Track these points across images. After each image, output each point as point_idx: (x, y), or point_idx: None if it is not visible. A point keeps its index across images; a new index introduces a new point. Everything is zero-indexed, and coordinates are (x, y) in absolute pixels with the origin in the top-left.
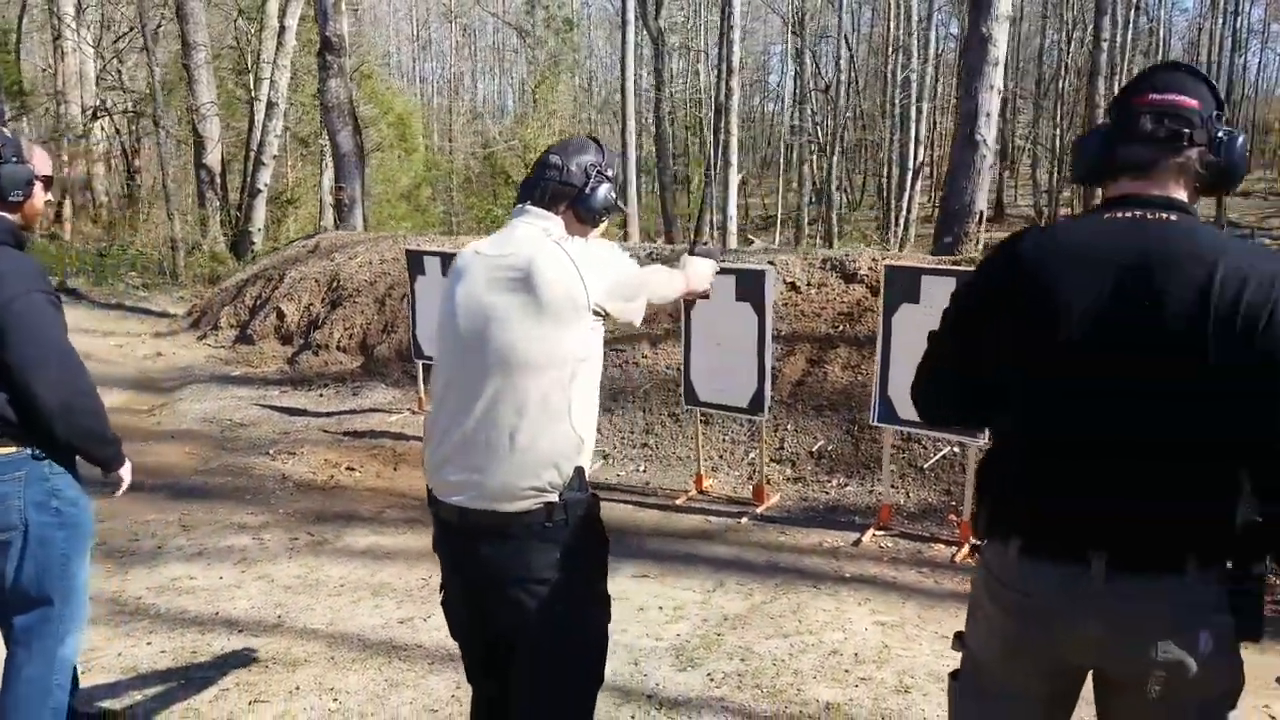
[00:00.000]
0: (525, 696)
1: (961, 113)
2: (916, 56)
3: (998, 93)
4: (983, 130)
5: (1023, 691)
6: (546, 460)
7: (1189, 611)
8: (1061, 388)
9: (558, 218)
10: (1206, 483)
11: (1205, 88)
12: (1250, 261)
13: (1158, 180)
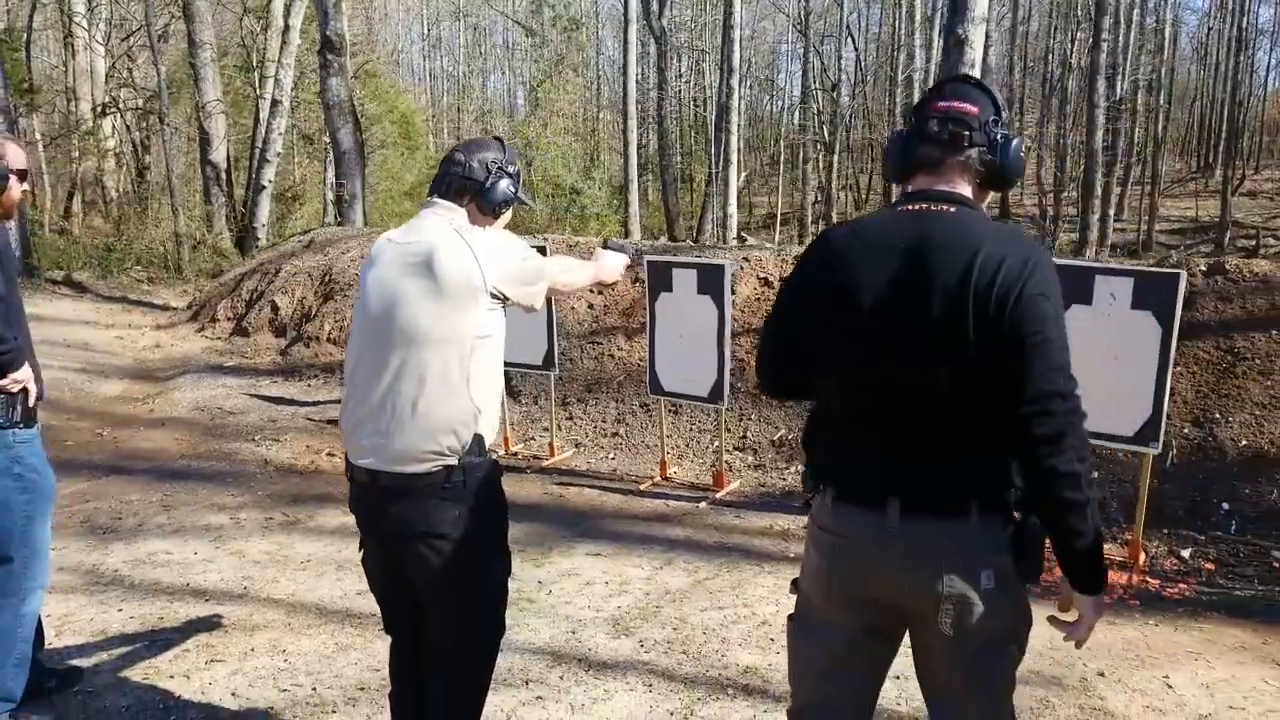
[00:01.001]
0: (433, 644)
1: None
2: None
3: None
4: None
5: (840, 625)
6: (445, 427)
7: (971, 551)
8: (859, 358)
9: (462, 209)
10: (982, 439)
11: (986, 97)
12: (1006, 247)
13: (945, 177)
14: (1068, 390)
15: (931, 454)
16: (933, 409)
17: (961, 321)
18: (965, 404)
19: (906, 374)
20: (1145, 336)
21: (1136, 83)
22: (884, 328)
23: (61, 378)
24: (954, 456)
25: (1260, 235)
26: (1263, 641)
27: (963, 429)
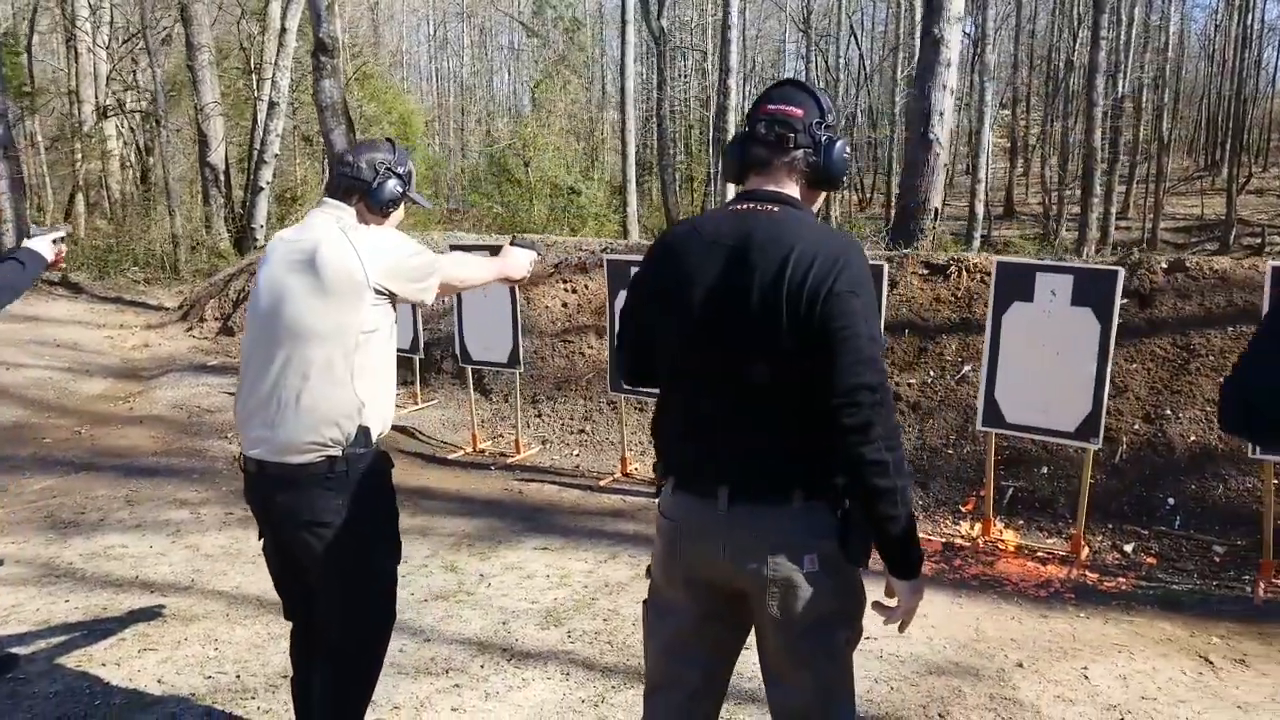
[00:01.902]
0: (323, 630)
1: (915, 112)
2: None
3: (950, 92)
4: (935, 129)
5: (682, 607)
6: (328, 419)
7: (795, 536)
8: (688, 351)
9: (350, 208)
10: (805, 430)
11: (812, 100)
12: (819, 246)
13: (773, 177)
14: (875, 382)
15: (756, 444)
16: (756, 401)
17: (777, 317)
18: (785, 396)
19: (731, 367)
20: (1085, 333)
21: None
22: (709, 323)
23: (46, 377)
24: (778, 446)
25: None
26: (1190, 634)
27: (785, 420)
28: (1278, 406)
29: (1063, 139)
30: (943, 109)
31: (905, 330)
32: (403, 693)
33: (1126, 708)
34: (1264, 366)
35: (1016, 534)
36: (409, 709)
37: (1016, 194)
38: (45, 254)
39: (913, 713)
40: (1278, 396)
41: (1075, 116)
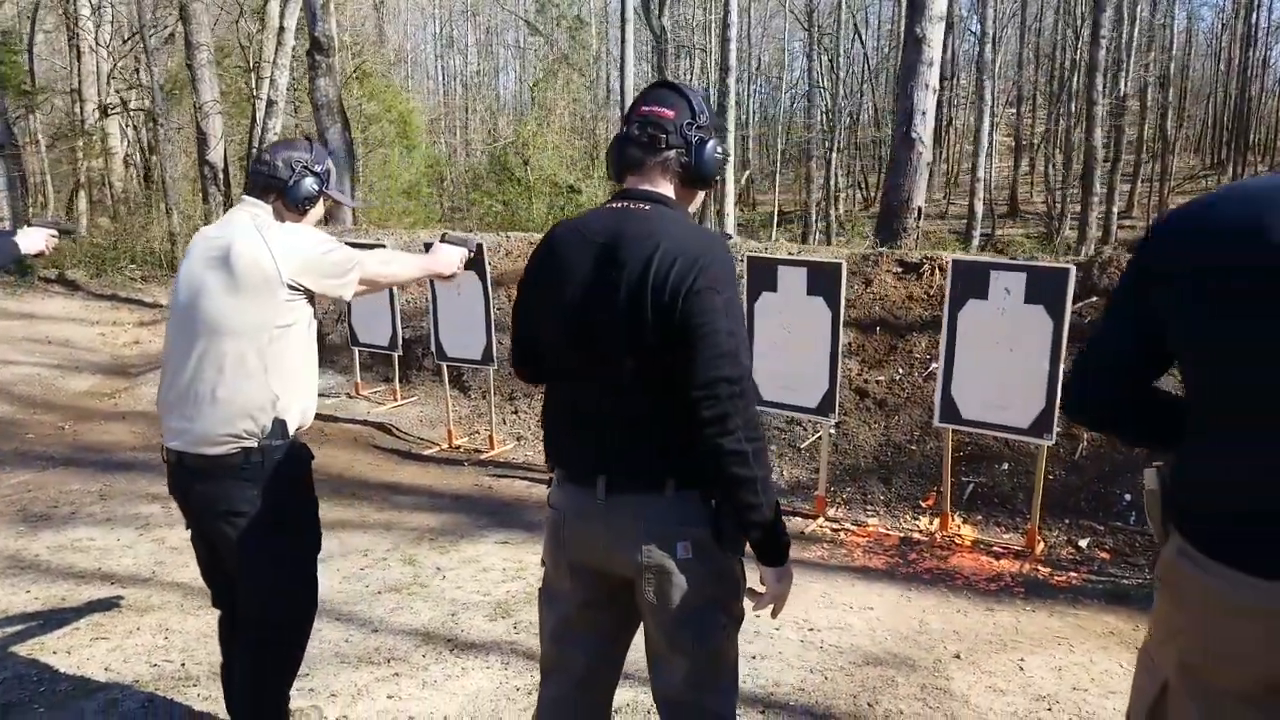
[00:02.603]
0: (243, 616)
1: (898, 112)
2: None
3: (933, 92)
4: (918, 129)
5: (568, 593)
6: (242, 412)
7: (668, 525)
8: (566, 346)
9: (267, 206)
10: (675, 422)
11: (684, 101)
12: (683, 245)
13: (647, 176)
14: (734, 375)
15: (631, 436)
16: (629, 395)
17: (643, 314)
18: (655, 390)
19: (604, 363)
20: (1038, 330)
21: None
22: (583, 319)
23: (34, 374)
24: (651, 438)
25: None
26: (1134, 628)
27: (656, 413)
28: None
29: (1066, 138)
30: (925, 108)
31: (877, 328)
32: (342, 681)
33: (1056, 698)
34: (1084, 356)
35: (974, 529)
36: (346, 696)
37: (1021, 193)
38: (25, 244)
39: (843, 701)
40: (1089, 382)
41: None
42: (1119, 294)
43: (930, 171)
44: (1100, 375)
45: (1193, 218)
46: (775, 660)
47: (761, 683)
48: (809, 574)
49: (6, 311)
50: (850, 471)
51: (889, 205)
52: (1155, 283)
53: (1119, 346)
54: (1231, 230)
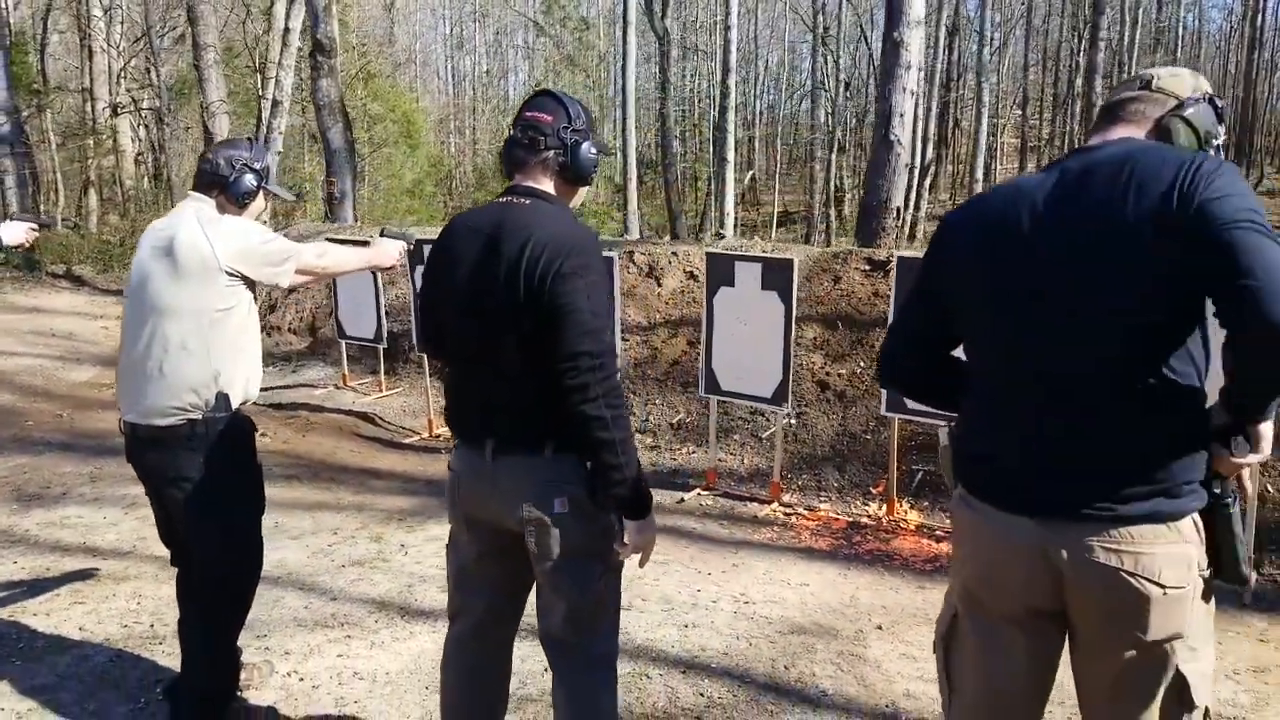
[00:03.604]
0: (191, 573)
1: (877, 114)
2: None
3: (910, 94)
4: (896, 131)
5: (466, 545)
6: (186, 387)
7: (546, 483)
8: (457, 325)
9: (211, 200)
10: (552, 392)
11: (561, 107)
12: (554, 234)
13: (530, 174)
14: (595, 350)
15: (514, 404)
16: (511, 369)
17: (518, 295)
18: (534, 364)
19: (489, 340)
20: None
21: None
22: (470, 299)
23: (37, 365)
24: (531, 406)
25: None
26: None
27: (536, 385)
28: (893, 365)
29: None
30: (903, 110)
31: (840, 323)
32: (297, 641)
33: None
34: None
35: (920, 514)
36: (299, 654)
37: None
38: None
39: (762, 665)
40: (894, 358)
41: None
42: (917, 278)
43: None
44: (903, 351)
45: (970, 210)
46: (706, 629)
47: (688, 647)
48: (755, 554)
49: (15, 305)
50: (808, 460)
51: (868, 205)
52: (940, 268)
53: (917, 325)
54: (991, 223)
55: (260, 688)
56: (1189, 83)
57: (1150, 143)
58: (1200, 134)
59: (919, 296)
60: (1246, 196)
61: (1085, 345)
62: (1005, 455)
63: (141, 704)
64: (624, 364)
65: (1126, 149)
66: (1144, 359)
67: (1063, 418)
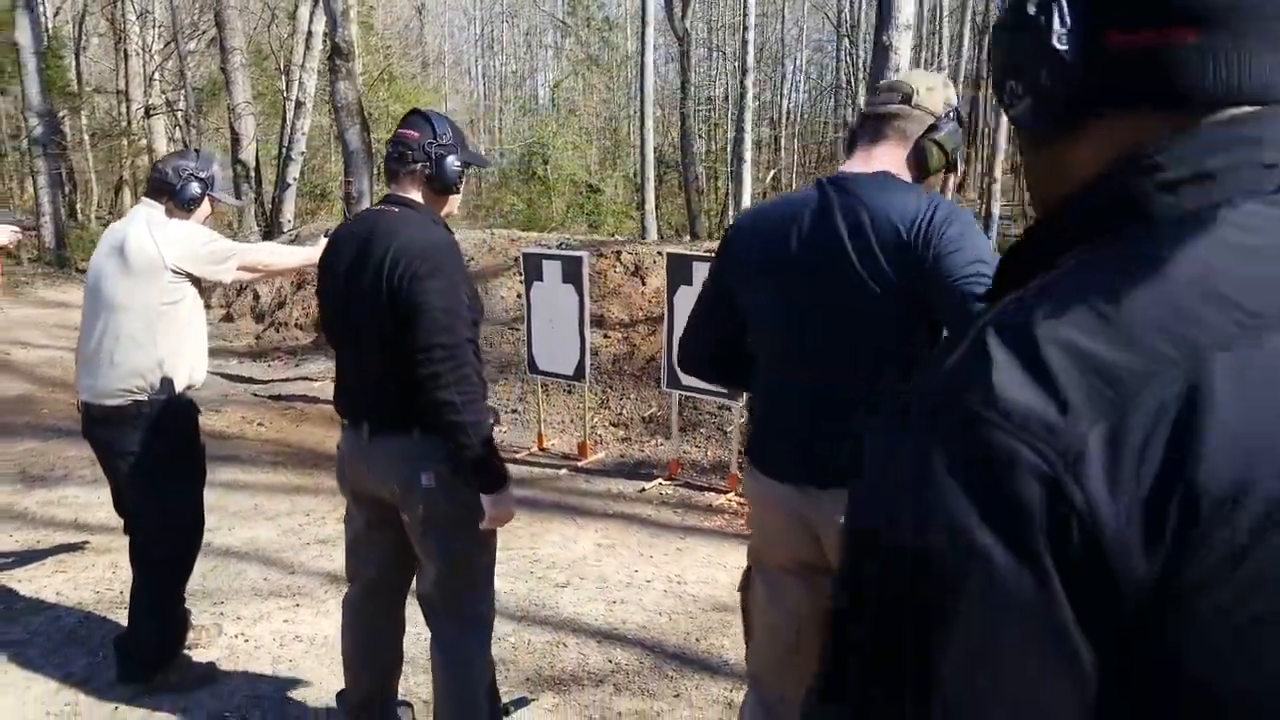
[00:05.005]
0: (137, 540)
1: None
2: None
3: None
4: None
5: (355, 516)
6: (134, 372)
7: (414, 461)
8: (336, 318)
9: (160, 206)
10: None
11: (428, 124)
12: (412, 239)
13: (401, 185)
14: (447, 343)
15: (384, 391)
16: (381, 359)
17: (382, 294)
18: (399, 354)
19: (363, 333)
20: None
21: None
22: (346, 298)
23: (57, 356)
24: (399, 392)
25: None
26: None
27: (402, 372)
28: (691, 355)
29: None
30: None
31: None
32: (250, 609)
33: None
34: (689, 328)
35: None
36: (248, 619)
37: None
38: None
39: (677, 638)
40: (692, 348)
41: None
42: (710, 277)
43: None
44: (699, 341)
45: (754, 219)
46: (633, 605)
47: (610, 621)
48: (701, 540)
49: (43, 300)
50: None
51: None
52: (727, 272)
53: (710, 318)
54: (770, 237)
55: (207, 647)
56: (941, 96)
57: (893, 182)
58: (949, 155)
59: (712, 295)
60: (977, 247)
61: (841, 363)
62: (776, 435)
63: (100, 658)
64: (603, 360)
65: (869, 190)
66: (894, 377)
67: (822, 415)
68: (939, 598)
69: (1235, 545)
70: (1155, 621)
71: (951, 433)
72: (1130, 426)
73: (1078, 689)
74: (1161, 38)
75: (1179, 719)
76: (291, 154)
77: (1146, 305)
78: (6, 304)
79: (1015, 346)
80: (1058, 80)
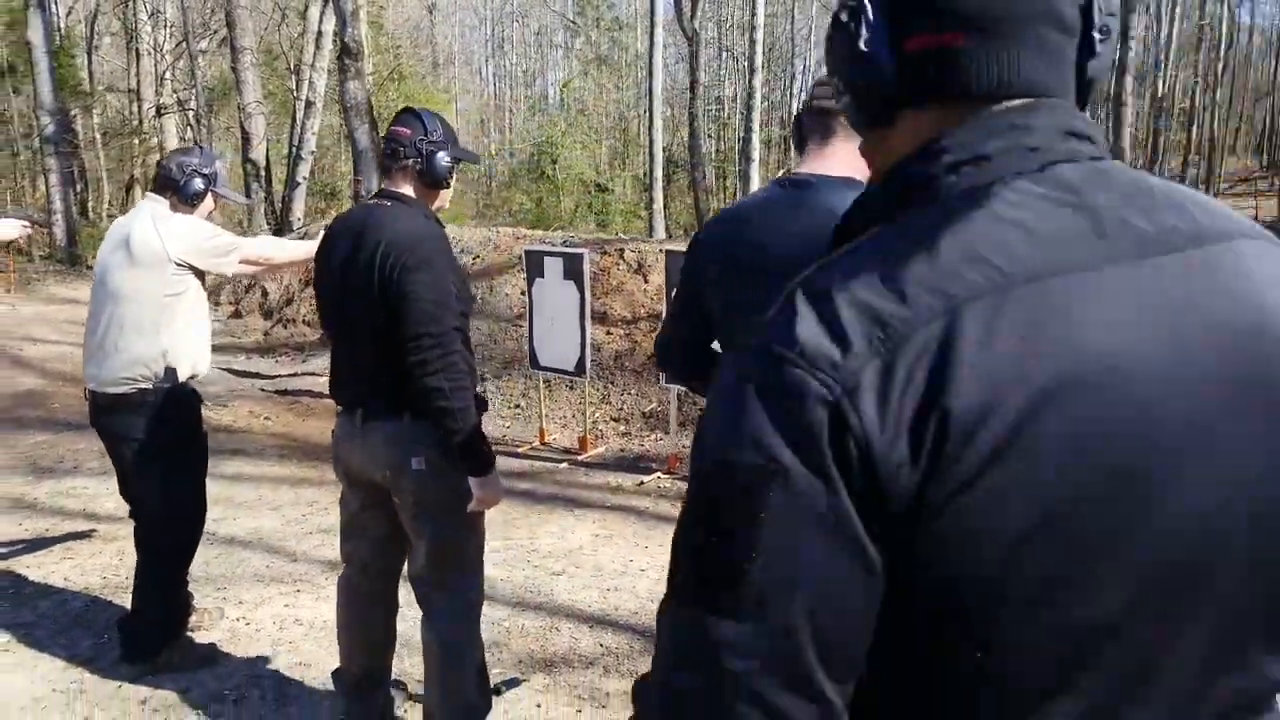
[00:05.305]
0: (141, 524)
1: None
2: None
3: None
4: None
5: (349, 498)
6: (138, 362)
7: (405, 445)
8: (332, 310)
9: (165, 200)
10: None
11: (419, 122)
12: (403, 233)
13: (394, 180)
14: (434, 331)
15: (377, 378)
16: (374, 347)
17: (373, 285)
18: (391, 343)
19: (356, 325)
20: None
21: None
22: (341, 289)
23: (67, 352)
24: (391, 379)
25: None
26: None
27: (393, 360)
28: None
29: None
30: None
31: None
32: (252, 593)
33: None
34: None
35: None
36: (250, 604)
37: None
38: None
39: (635, 618)
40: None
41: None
42: (681, 278)
43: None
44: (674, 345)
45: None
46: (626, 592)
47: (604, 607)
48: None
49: (54, 296)
50: None
51: None
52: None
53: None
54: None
55: (209, 629)
56: None
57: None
58: None
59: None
60: None
61: None
62: None
63: (105, 639)
64: (604, 356)
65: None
66: None
67: None
68: (749, 502)
69: (980, 460)
70: (916, 522)
71: (761, 368)
72: (898, 364)
73: (869, 579)
74: (938, 41)
75: (933, 602)
76: (301, 153)
77: (919, 267)
78: (18, 300)
79: (815, 301)
80: (869, 79)
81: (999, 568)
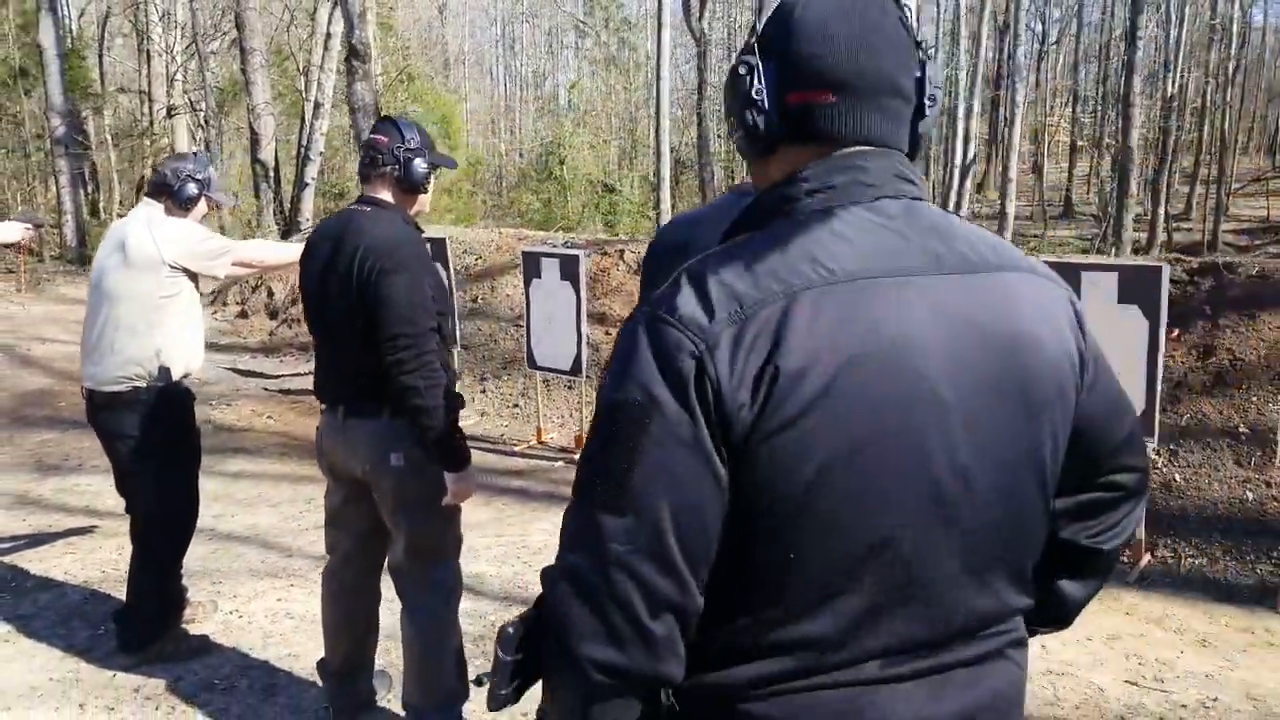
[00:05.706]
0: (135, 519)
1: None
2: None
3: None
4: None
5: (333, 491)
6: (133, 361)
7: (385, 441)
8: (314, 307)
9: (160, 205)
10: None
11: (396, 130)
12: (380, 237)
13: (373, 186)
14: (409, 332)
15: (358, 376)
16: (354, 347)
17: (351, 289)
18: (369, 343)
19: (338, 323)
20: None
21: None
22: (322, 292)
23: (75, 351)
24: (370, 378)
25: None
26: None
27: (372, 360)
28: None
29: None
30: None
31: None
32: (247, 588)
33: None
34: None
35: None
36: (244, 598)
37: (1079, 193)
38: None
39: None
40: None
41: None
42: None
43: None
44: None
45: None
46: None
47: None
48: None
49: (63, 297)
50: None
51: None
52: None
53: None
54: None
55: (202, 622)
56: None
57: None
58: None
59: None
60: None
61: None
62: None
63: (102, 631)
64: (603, 356)
65: None
66: None
67: None
68: (634, 430)
69: (800, 405)
70: (751, 449)
71: (651, 327)
72: (747, 331)
73: (718, 490)
74: (812, 97)
75: (759, 510)
76: (310, 154)
77: (772, 262)
78: (28, 300)
79: (694, 281)
80: (758, 122)
81: (808, 489)
